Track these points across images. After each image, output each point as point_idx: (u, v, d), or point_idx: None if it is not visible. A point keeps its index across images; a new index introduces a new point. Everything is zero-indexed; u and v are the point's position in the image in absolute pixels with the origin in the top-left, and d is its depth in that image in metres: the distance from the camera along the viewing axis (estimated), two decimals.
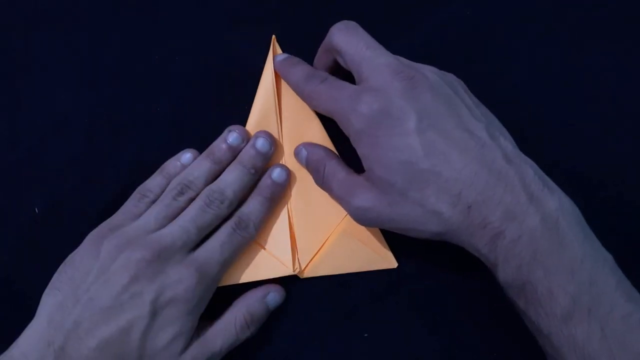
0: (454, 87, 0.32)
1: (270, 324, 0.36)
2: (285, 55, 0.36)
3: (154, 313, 0.30)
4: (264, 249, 0.36)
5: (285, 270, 0.36)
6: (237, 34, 0.40)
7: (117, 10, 0.41)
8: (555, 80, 0.40)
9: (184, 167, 0.36)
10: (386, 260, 0.36)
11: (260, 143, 0.35)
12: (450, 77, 0.33)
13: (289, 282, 0.36)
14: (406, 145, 0.29)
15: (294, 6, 0.41)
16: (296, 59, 0.36)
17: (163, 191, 0.35)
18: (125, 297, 0.30)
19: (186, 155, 0.36)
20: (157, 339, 0.30)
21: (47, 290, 0.32)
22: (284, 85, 0.37)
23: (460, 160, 0.29)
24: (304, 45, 0.37)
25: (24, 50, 0.40)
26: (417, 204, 0.29)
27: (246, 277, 0.35)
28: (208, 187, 0.34)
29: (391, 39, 0.39)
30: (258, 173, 0.35)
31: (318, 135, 0.37)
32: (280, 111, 0.37)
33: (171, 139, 0.39)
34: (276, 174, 0.35)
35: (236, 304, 0.34)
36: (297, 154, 0.36)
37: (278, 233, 0.36)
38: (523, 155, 0.30)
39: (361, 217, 0.32)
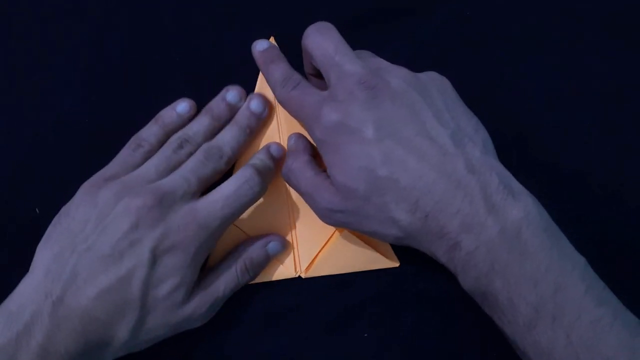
0: (424, 91, 0.31)
1: (270, 324, 0.36)
2: (265, 44, 0.35)
3: (154, 261, 0.30)
4: None
5: (288, 272, 0.36)
6: (237, 34, 0.40)
7: (117, 11, 0.41)
8: (555, 80, 0.40)
9: (180, 116, 0.36)
10: (388, 259, 0.36)
11: (254, 104, 0.36)
12: (425, 78, 0.32)
13: (289, 282, 0.36)
14: (365, 153, 0.29)
15: (294, 6, 0.41)
16: (275, 53, 0.35)
17: (158, 141, 0.35)
18: (124, 245, 0.30)
19: (182, 105, 0.36)
20: (158, 289, 0.30)
21: (41, 244, 0.32)
22: None
23: (419, 169, 0.29)
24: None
25: (24, 50, 0.40)
26: (378, 210, 0.30)
27: None
28: (207, 144, 0.34)
29: (391, 39, 0.40)
30: (253, 132, 0.36)
31: None
32: (278, 110, 0.37)
33: None
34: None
35: (237, 250, 0.35)
36: (288, 140, 0.36)
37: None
38: (493, 161, 0.30)
39: (327, 218, 0.32)
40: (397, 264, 0.37)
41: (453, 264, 0.29)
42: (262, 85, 0.37)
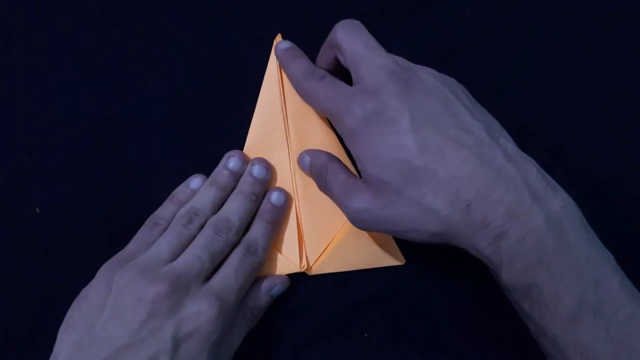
0: (452, 89, 0.31)
1: (270, 323, 0.36)
2: (288, 43, 0.36)
3: (176, 347, 0.29)
4: (274, 246, 0.36)
5: (293, 267, 0.36)
6: (237, 34, 0.40)
7: (117, 10, 0.41)
8: (555, 80, 0.40)
9: (194, 192, 0.36)
10: (394, 256, 0.36)
11: (257, 170, 0.36)
12: (451, 80, 0.33)
13: (290, 280, 0.36)
14: (400, 143, 0.29)
15: (294, 6, 0.41)
16: (298, 51, 0.36)
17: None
18: (144, 334, 0.29)
19: (195, 180, 0.36)
20: None
21: (62, 328, 0.31)
22: (289, 84, 0.36)
23: (457, 157, 0.28)
24: (303, 45, 0.37)
25: (24, 50, 0.40)
26: (414, 203, 0.29)
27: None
28: (214, 217, 0.34)
29: (391, 39, 0.40)
30: (259, 199, 0.36)
31: (326, 135, 0.37)
32: (286, 111, 0.37)
33: (171, 138, 0.39)
34: (274, 197, 0.36)
35: (243, 301, 0.34)
36: (299, 160, 0.36)
37: (286, 231, 0.36)
38: (525, 154, 0.30)
39: (358, 220, 0.31)
40: (402, 262, 0.36)
41: (499, 255, 0.28)
42: (268, 85, 0.37)
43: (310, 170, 0.35)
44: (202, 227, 0.34)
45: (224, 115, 0.39)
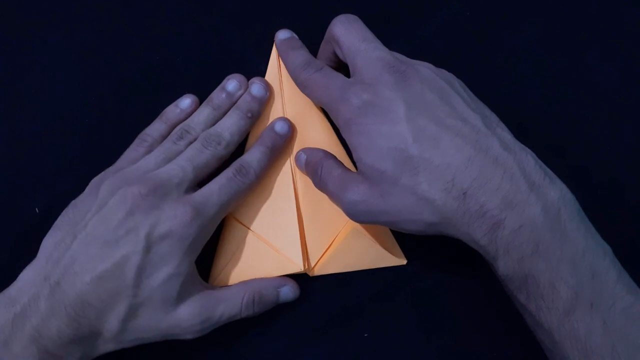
0: (449, 81, 0.31)
1: (270, 323, 0.36)
2: (288, 33, 0.37)
3: (148, 248, 0.30)
4: (273, 247, 0.36)
5: (295, 267, 0.35)
6: (237, 34, 0.40)
7: (117, 10, 0.41)
8: (555, 79, 0.40)
9: (182, 111, 0.37)
10: (395, 256, 0.36)
11: (256, 89, 0.36)
12: (448, 74, 0.33)
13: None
14: (394, 133, 0.29)
15: (294, 7, 0.41)
16: (297, 42, 0.36)
17: (161, 135, 0.36)
18: (120, 232, 0.30)
19: (185, 101, 0.37)
20: (152, 277, 0.30)
21: (48, 233, 0.33)
22: (289, 84, 0.36)
23: (453, 146, 0.28)
24: (303, 44, 0.37)
25: (24, 50, 0.40)
26: (409, 192, 0.28)
27: (255, 274, 0.35)
28: (205, 131, 0.35)
29: (391, 38, 0.40)
30: (255, 117, 0.36)
31: (325, 134, 0.37)
32: (286, 111, 0.37)
33: None
34: (278, 126, 0.36)
35: (249, 282, 0.34)
36: (297, 159, 0.36)
37: (287, 231, 0.36)
38: (522, 145, 0.30)
39: (354, 212, 0.31)
40: (404, 262, 0.36)
41: (494, 245, 0.28)
42: (270, 77, 0.37)
43: (305, 167, 0.35)
44: (191, 144, 0.34)
45: None
